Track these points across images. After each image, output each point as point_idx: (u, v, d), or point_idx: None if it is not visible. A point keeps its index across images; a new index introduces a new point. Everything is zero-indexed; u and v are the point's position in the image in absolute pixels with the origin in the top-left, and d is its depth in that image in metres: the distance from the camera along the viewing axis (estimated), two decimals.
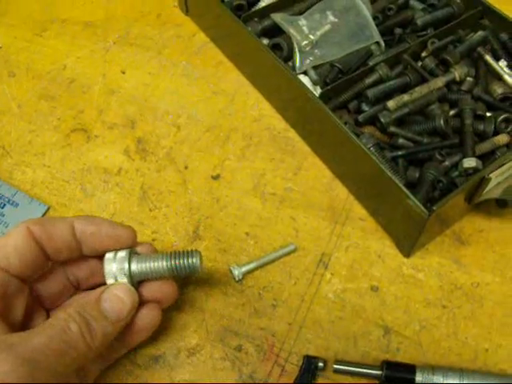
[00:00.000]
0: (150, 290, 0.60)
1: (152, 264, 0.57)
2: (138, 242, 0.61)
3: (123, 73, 0.98)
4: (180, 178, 0.83)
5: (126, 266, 0.56)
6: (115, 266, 0.56)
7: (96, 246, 0.57)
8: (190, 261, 0.58)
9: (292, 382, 0.65)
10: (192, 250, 0.59)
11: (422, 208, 0.64)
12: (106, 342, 0.52)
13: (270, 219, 0.79)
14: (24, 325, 0.56)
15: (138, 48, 1.02)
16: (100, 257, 0.59)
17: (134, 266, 0.56)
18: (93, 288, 0.61)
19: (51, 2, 1.11)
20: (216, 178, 0.83)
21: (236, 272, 0.72)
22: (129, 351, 0.63)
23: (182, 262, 0.57)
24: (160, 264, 0.57)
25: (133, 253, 0.58)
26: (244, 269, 0.73)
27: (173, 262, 0.57)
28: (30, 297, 0.57)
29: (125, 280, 0.56)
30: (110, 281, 0.56)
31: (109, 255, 0.57)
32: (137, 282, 0.58)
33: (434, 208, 0.63)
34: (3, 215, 0.78)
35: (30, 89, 0.97)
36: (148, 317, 0.59)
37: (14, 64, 1.01)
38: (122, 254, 0.56)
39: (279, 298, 0.72)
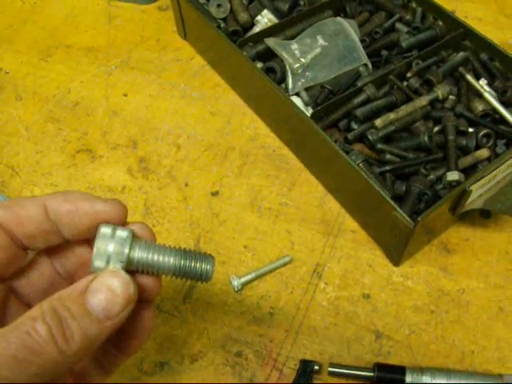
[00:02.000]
0: (139, 283, 0.47)
1: (156, 257, 0.45)
2: (129, 222, 0.48)
3: (125, 95, 1.03)
4: (181, 195, 0.88)
5: (127, 250, 0.43)
6: (112, 247, 0.43)
7: (75, 228, 0.45)
8: (203, 266, 0.47)
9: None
10: (206, 254, 0.48)
11: (408, 219, 0.68)
12: (91, 346, 0.40)
13: (266, 232, 0.83)
14: None
15: (138, 72, 1.07)
16: (88, 242, 0.49)
17: (135, 254, 0.44)
18: None
19: (55, 29, 1.17)
20: (215, 194, 0.88)
21: (235, 283, 0.76)
22: (128, 359, 0.52)
23: (193, 264, 0.47)
24: (166, 260, 0.45)
25: (134, 235, 0.45)
26: (243, 279, 0.77)
27: (182, 262, 0.46)
28: (10, 297, 0.47)
29: (118, 267, 0.43)
30: (98, 262, 0.42)
31: (105, 230, 0.43)
32: (127, 271, 0.45)
33: (419, 219, 0.67)
34: None
35: (37, 112, 1.01)
36: (145, 318, 0.49)
37: (21, 88, 1.05)
38: (122, 233, 0.43)
39: (276, 306, 0.76)
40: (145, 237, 0.46)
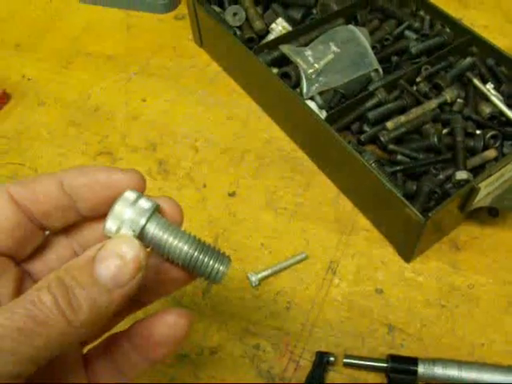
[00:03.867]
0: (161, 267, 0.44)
1: (171, 240, 0.41)
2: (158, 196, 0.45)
3: (144, 101, 1.07)
4: (199, 196, 0.91)
5: (143, 221, 0.39)
6: (130, 213, 0.39)
7: (92, 202, 0.43)
8: (215, 265, 0.43)
9: (306, 375, 0.71)
10: (223, 254, 0.44)
11: (419, 215, 0.71)
12: (100, 317, 0.37)
13: (282, 231, 0.86)
14: None
15: (156, 78, 1.11)
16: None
17: (150, 229, 0.40)
18: None
19: (76, 37, 1.21)
20: (232, 194, 0.91)
21: (253, 278, 0.79)
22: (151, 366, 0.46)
23: (206, 260, 0.42)
24: (180, 245, 0.41)
25: (157, 211, 0.41)
26: (260, 275, 0.80)
27: (196, 254, 0.41)
28: (27, 281, 0.44)
29: (130, 235, 0.39)
30: (110, 225, 0.39)
31: (129, 194, 0.40)
32: None
33: (430, 215, 0.70)
34: None
35: (59, 116, 1.05)
36: (172, 327, 0.42)
37: (43, 94, 1.09)
38: (145, 203, 0.40)
39: (292, 301, 0.78)
40: (171, 213, 0.43)
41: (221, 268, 0.43)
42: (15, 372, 0.33)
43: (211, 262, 0.42)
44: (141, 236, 0.40)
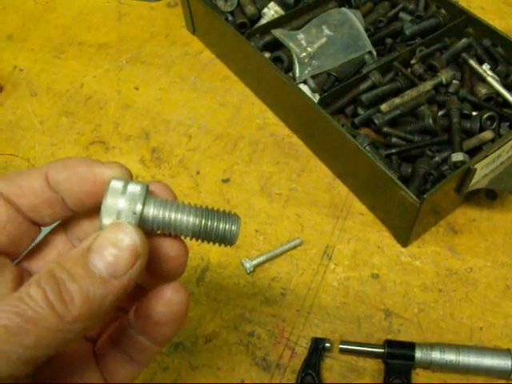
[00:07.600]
0: (159, 247, 0.42)
1: (174, 215, 0.39)
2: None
3: (136, 89, 1.06)
4: (193, 183, 0.90)
5: (140, 206, 0.38)
6: (123, 202, 0.38)
7: (77, 195, 0.41)
8: (227, 226, 0.41)
9: (302, 362, 0.70)
10: (230, 213, 0.42)
11: (414, 197, 0.70)
12: (96, 310, 0.35)
13: (277, 217, 0.85)
14: None
15: (149, 66, 1.10)
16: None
17: (150, 211, 0.39)
18: None
19: (67, 27, 1.20)
20: (226, 181, 0.90)
21: (247, 265, 0.78)
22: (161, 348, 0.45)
23: (215, 224, 0.41)
24: (185, 218, 0.40)
25: (148, 192, 0.40)
26: (255, 262, 0.79)
27: (204, 222, 0.40)
28: (28, 279, 0.39)
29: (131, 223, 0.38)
30: (106, 220, 0.38)
31: (116, 183, 0.38)
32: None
33: (425, 196, 0.69)
34: None
35: (51, 106, 1.04)
36: (172, 300, 0.41)
37: (36, 84, 1.08)
38: (135, 187, 0.38)
39: (288, 287, 0.77)
40: (162, 195, 0.41)
41: (233, 228, 0.41)
42: (5, 373, 0.31)
43: (221, 225, 0.41)
44: (142, 222, 0.39)
